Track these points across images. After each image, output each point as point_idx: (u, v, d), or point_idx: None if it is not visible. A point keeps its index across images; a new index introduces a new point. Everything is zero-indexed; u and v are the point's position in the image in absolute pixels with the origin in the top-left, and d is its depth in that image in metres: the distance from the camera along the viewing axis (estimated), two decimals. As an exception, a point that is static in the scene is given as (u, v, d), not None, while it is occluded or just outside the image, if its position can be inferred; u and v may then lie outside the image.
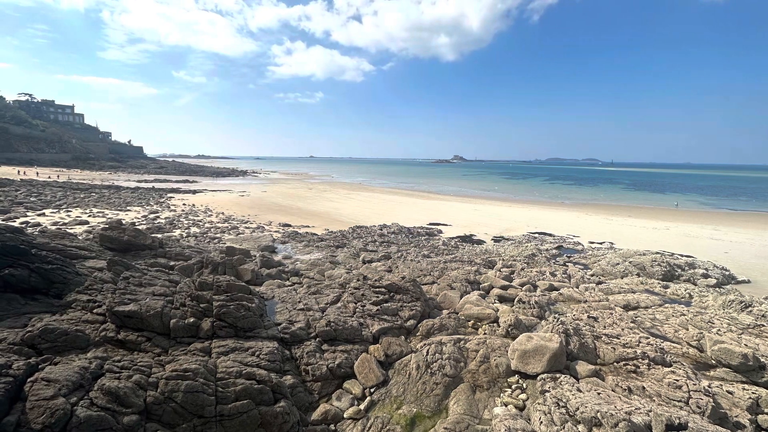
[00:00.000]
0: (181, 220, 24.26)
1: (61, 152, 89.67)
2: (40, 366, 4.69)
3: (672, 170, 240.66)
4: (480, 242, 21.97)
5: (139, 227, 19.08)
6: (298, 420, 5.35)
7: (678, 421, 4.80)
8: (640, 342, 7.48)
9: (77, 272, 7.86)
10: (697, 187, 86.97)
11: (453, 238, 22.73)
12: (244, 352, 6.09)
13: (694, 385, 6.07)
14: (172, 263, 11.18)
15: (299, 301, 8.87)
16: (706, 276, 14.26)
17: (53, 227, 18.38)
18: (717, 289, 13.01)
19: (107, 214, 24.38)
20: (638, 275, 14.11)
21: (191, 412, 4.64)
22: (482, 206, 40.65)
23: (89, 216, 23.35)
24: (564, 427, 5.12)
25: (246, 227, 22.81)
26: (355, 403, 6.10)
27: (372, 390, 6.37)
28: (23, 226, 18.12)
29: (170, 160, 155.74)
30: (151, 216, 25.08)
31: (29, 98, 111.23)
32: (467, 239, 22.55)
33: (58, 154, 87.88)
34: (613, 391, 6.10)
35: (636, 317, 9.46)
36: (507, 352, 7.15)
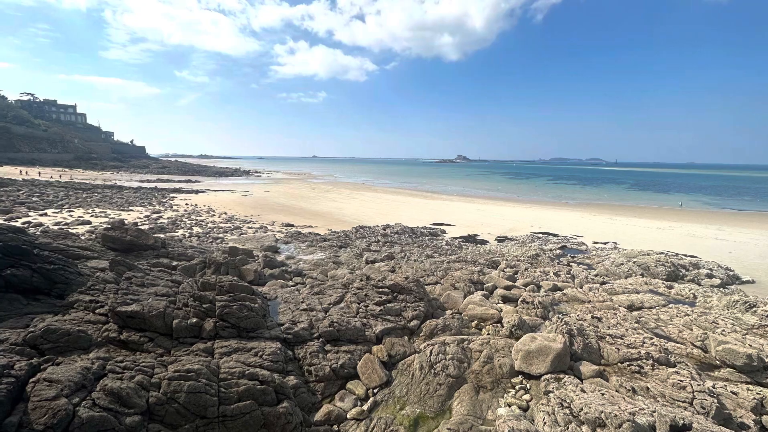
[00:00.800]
0: (183, 220, 24.29)
1: (64, 152, 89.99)
2: (42, 366, 4.69)
3: (676, 170, 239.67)
4: (483, 242, 21.90)
5: (142, 227, 19.15)
6: (301, 421, 5.33)
7: (682, 421, 4.76)
8: (644, 342, 7.43)
9: (79, 272, 7.87)
10: (700, 187, 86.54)
11: (456, 238, 22.66)
12: (246, 352, 6.08)
13: (699, 385, 6.02)
14: (174, 263, 11.19)
15: (302, 302, 8.85)
16: (710, 276, 14.17)
17: (55, 227, 18.46)
18: (721, 289, 12.92)
19: (109, 214, 24.43)
20: (642, 275, 14.03)
21: (194, 413, 4.63)
22: (486, 206, 40.54)
23: (91, 216, 23.41)
24: (568, 428, 5.09)
25: (249, 227, 22.82)
26: (359, 403, 6.08)
27: (375, 390, 6.35)
28: (25, 226, 18.19)
29: (173, 159, 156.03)
30: (154, 216, 25.13)
31: (31, 98, 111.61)
32: (471, 239, 22.48)
33: (60, 153, 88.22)
34: (617, 391, 6.05)
35: (640, 317, 9.40)
36: (510, 352, 7.11)
